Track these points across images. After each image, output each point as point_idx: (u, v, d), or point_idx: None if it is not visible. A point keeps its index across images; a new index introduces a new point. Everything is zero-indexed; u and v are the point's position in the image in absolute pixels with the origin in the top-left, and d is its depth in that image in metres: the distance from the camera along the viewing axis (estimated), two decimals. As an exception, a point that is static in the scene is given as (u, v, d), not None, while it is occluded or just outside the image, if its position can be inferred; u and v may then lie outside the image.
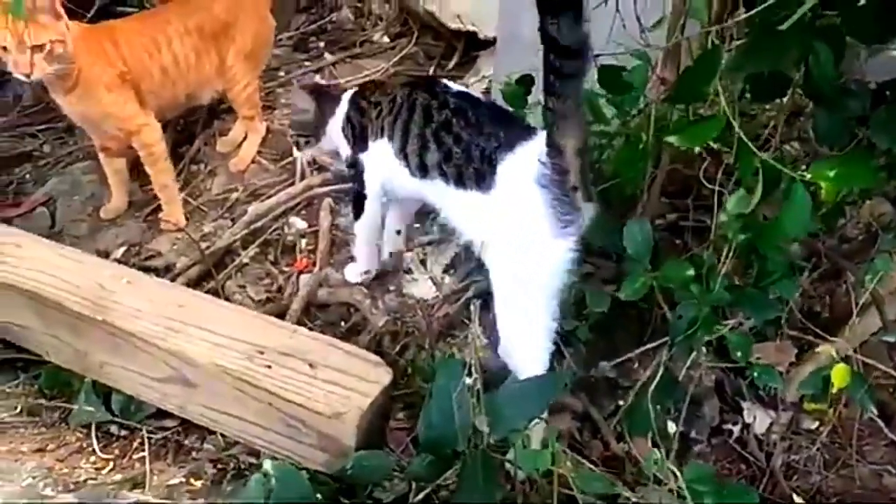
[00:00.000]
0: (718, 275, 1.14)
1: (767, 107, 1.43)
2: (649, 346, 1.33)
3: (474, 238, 1.32)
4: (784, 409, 1.39)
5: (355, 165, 1.47)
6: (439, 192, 1.33)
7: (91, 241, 1.83)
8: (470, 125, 1.26)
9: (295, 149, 1.68)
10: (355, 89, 1.51)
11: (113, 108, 1.70)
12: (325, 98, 1.51)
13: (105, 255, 1.76)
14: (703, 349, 1.23)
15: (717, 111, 1.08)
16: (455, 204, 1.32)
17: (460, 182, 1.28)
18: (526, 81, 1.40)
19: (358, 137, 1.44)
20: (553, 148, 1.16)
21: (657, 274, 1.20)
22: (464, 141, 1.26)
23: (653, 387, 1.16)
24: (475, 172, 1.25)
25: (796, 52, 0.99)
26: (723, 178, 1.21)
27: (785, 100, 1.20)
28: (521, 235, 1.22)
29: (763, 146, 1.34)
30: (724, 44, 1.12)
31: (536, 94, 1.28)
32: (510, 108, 1.41)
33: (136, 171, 1.89)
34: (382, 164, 1.40)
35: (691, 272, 1.16)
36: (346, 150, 1.49)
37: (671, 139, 1.08)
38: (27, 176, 2.07)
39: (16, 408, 1.41)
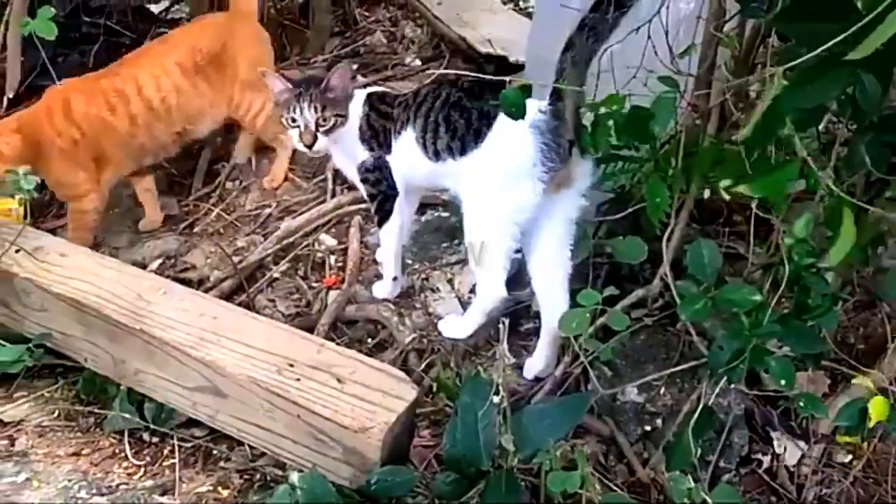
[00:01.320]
0: (769, 305, 1.05)
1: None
2: (676, 368, 1.32)
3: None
4: (816, 440, 1.36)
5: (380, 168, 1.48)
6: (449, 171, 1.39)
7: (130, 252, 1.90)
8: (477, 98, 1.36)
9: (320, 133, 1.42)
10: (368, 93, 1.51)
11: (63, 176, 1.77)
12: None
13: (142, 266, 1.81)
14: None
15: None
16: (461, 175, 1.37)
17: (463, 150, 1.36)
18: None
19: (382, 141, 1.47)
20: (557, 97, 1.25)
21: (715, 296, 1.08)
22: (467, 110, 1.36)
23: (693, 422, 1.11)
24: (474, 133, 1.34)
25: (842, 84, 0.94)
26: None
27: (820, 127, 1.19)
28: (505, 167, 1.31)
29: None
30: (753, 72, 1.12)
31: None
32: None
33: (172, 185, 1.95)
34: (404, 157, 1.44)
35: (758, 297, 1.05)
36: (361, 155, 1.49)
37: (743, 189, 1.01)
38: (71, 189, 2.15)
39: (54, 412, 1.46)
